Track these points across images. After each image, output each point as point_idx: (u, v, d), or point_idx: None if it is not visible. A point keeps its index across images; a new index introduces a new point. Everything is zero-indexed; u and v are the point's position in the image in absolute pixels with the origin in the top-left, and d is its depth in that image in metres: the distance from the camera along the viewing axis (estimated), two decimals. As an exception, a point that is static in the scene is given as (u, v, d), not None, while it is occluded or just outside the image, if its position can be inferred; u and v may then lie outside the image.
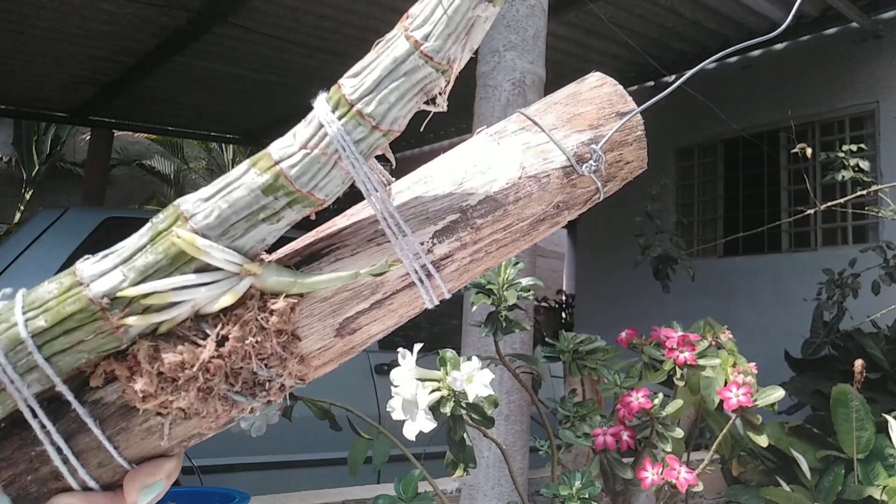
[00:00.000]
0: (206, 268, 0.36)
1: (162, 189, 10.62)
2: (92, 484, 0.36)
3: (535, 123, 0.44)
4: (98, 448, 0.36)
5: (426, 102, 0.38)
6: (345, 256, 0.39)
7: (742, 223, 5.52)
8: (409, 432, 1.00)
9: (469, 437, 1.15)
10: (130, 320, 0.35)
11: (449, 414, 1.07)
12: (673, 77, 5.39)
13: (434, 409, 1.05)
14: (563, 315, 8.51)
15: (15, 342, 0.34)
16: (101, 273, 0.35)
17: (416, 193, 0.41)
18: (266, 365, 0.37)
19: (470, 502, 2.37)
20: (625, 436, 1.35)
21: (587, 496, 1.19)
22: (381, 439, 1.43)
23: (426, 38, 0.36)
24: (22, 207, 9.80)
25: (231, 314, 0.37)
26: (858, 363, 2.93)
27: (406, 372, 1.02)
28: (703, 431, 2.69)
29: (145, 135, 9.62)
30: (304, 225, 0.42)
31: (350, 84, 0.37)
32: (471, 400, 1.06)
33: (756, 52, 5.38)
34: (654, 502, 1.39)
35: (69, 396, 0.35)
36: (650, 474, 1.33)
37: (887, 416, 2.43)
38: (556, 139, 0.44)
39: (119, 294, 0.35)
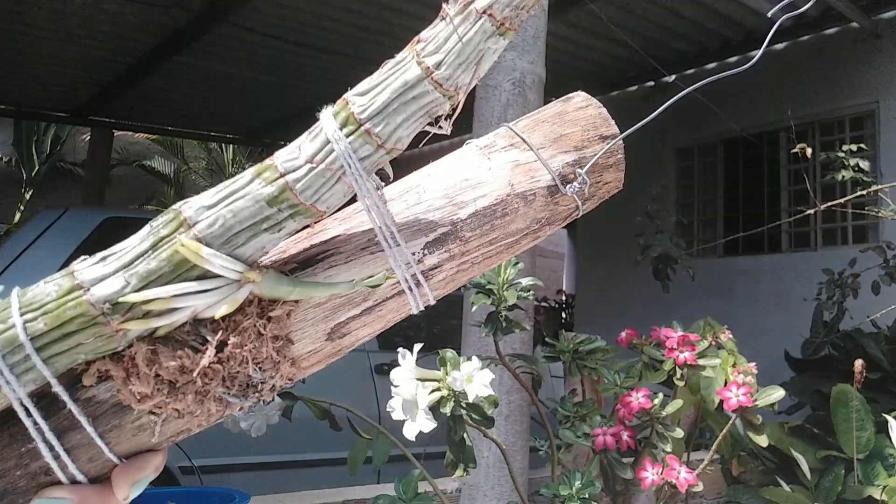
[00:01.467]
0: (206, 274, 0.36)
1: (162, 189, 10.62)
2: (80, 478, 0.37)
3: (526, 143, 0.46)
4: (89, 444, 0.36)
5: (429, 123, 0.39)
6: (339, 263, 0.40)
7: (742, 223, 5.51)
8: (409, 432, 1.00)
9: (469, 437, 1.15)
10: (131, 325, 0.35)
11: (449, 414, 1.07)
12: (673, 77, 5.39)
13: (434, 409, 1.05)
14: (563, 315, 8.50)
15: (12, 343, 0.34)
16: (102, 277, 0.35)
17: (409, 202, 0.42)
18: (260, 368, 0.38)
19: (470, 502, 2.37)
20: (625, 436, 1.35)
21: (587, 496, 1.19)
22: (381, 439, 1.43)
23: (438, 65, 0.37)
24: (22, 207, 9.80)
25: (230, 320, 0.37)
26: (858, 363, 2.93)
27: (406, 372, 1.02)
28: (703, 431, 2.69)
29: (145, 135, 9.62)
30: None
31: (359, 102, 0.37)
32: (471, 400, 1.06)
33: (756, 53, 5.37)
34: (654, 502, 1.39)
35: (65, 397, 0.35)
36: (650, 474, 1.33)
37: (887, 416, 2.43)
38: (544, 159, 0.45)
39: (121, 300, 0.35)
